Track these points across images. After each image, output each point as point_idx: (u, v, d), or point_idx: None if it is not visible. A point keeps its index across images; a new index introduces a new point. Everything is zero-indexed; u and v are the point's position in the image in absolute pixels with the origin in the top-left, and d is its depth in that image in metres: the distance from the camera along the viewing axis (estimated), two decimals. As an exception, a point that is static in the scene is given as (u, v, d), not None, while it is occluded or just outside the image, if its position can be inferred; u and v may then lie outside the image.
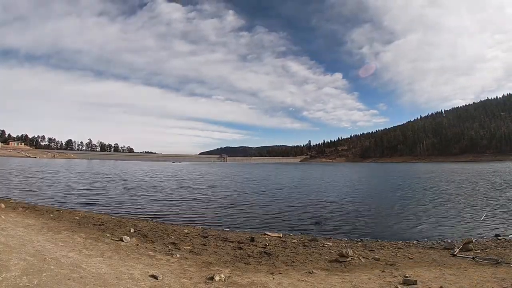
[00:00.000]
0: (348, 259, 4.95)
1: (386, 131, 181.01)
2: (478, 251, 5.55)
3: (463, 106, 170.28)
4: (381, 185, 22.39)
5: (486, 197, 13.27)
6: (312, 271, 4.36)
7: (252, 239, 6.35)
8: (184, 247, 5.54)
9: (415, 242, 6.61)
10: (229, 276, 3.90)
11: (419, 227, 8.14)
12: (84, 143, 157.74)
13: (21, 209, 8.61)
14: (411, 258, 5.21)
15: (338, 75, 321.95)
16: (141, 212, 9.91)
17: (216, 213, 9.99)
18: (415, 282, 3.67)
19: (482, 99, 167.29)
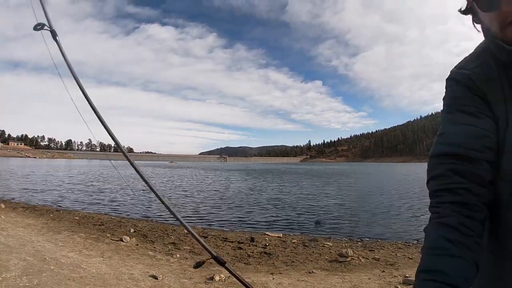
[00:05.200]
0: (348, 259, 4.94)
1: (386, 131, 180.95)
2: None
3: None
4: (380, 185, 22.37)
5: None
6: (312, 271, 4.36)
7: (252, 239, 6.34)
8: (184, 247, 5.54)
9: (415, 242, 6.60)
10: (229, 276, 3.90)
11: (419, 227, 8.13)
12: (84, 143, 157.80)
13: (21, 209, 8.61)
14: (411, 258, 5.21)
15: (318, 82, 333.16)
16: (141, 212, 9.91)
17: (216, 213, 9.99)
18: (415, 282, 3.67)
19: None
